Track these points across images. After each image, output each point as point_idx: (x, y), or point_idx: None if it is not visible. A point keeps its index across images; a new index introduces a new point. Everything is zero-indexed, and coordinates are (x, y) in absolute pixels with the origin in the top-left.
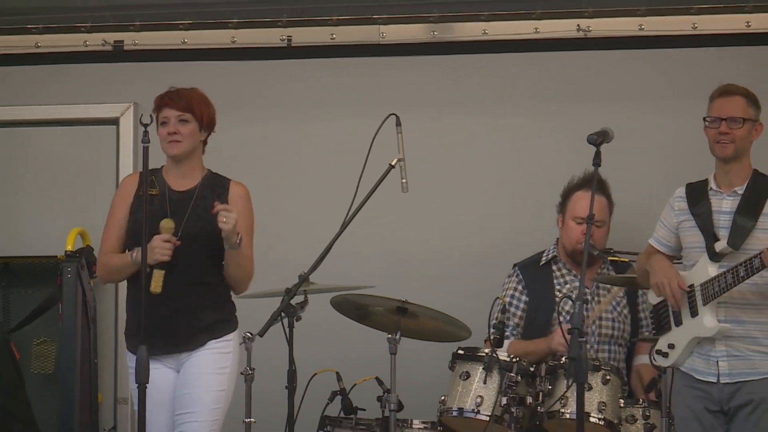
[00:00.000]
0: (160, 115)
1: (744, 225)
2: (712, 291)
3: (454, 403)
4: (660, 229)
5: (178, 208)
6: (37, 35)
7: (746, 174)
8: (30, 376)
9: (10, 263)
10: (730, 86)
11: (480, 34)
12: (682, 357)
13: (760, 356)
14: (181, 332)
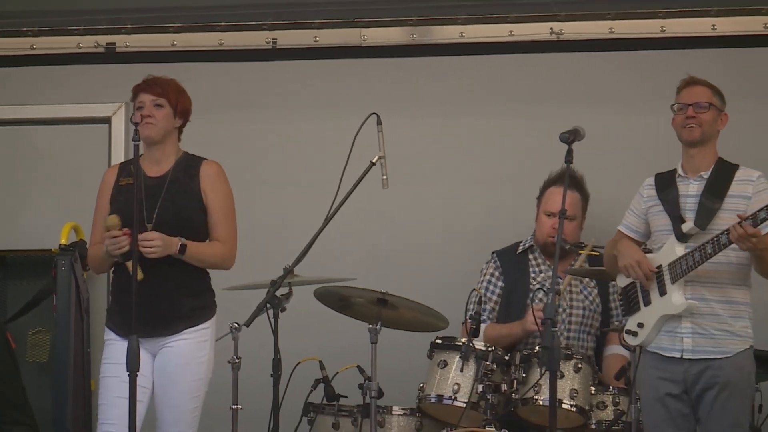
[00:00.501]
0: (136, 101)
1: (710, 206)
2: (680, 269)
3: (433, 391)
4: (629, 216)
5: (153, 193)
6: (33, 38)
7: (711, 160)
8: (25, 364)
9: (6, 256)
10: (695, 78)
11: (457, 36)
12: (651, 335)
13: (724, 335)
14: (159, 318)
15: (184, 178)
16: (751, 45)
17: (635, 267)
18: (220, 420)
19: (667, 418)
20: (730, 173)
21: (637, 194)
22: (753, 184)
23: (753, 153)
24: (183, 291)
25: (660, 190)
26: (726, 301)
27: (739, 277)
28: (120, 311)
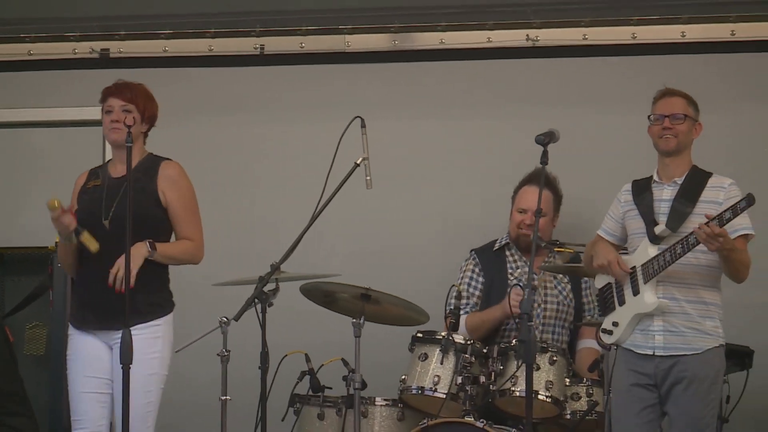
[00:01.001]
0: (105, 105)
1: (682, 210)
2: (652, 269)
3: (414, 382)
4: (608, 220)
5: (113, 193)
6: (30, 44)
7: (686, 167)
8: (23, 357)
9: (4, 253)
10: (671, 89)
11: (437, 43)
12: (626, 334)
13: (694, 333)
14: (111, 311)
15: (144, 177)
16: (719, 51)
17: (609, 266)
18: (209, 410)
19: (633, 409)
20: (704, 180)
21: (615, 200)
22: (725, 191)
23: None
24: (136, 286)
25: (636, 195)
26: (696, 301)
27: (709, 279)
28: (77, 305)
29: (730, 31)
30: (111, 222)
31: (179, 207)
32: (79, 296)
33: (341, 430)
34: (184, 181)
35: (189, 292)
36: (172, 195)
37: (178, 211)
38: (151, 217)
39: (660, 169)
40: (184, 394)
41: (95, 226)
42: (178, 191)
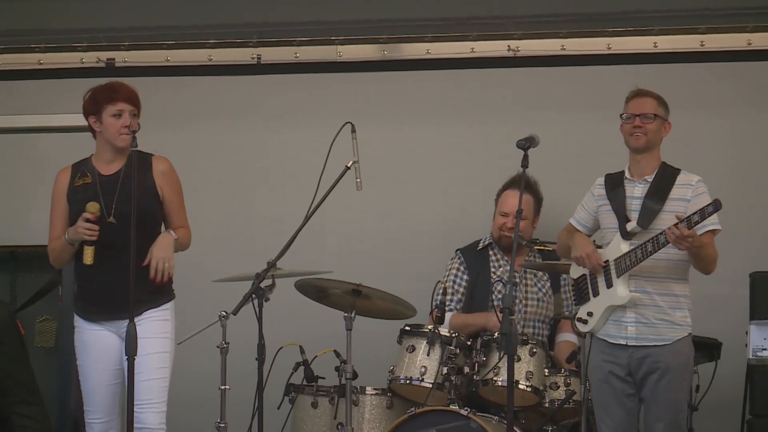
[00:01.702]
0: (113, 107)
1: (652, 208)
2: (625, 265)
3: (402, 373)
4: (581, 211)
5: (108, 190)
6: (40, 54)
7: (655, 164)
8: (33, 349)
9: (16, 251)
10: (643, 89)
11: (424, 53)
12: (599, 324)
13: (665, 324)
14: (118, 303)
15: (138, 174)
16: (688, 61)
17: (585, 259)
18: (209, 399)
19: (613, 396)
20: (672, 177)
21: (589, 192)
22: (692, 188)
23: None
24: (140, 276)
25: (609, 190)
26: (666, 293)
27: (678, 272)
28: (83, 298)
29: (700, 42)
30: (117, 218)
31: (174, 199)
32: (85, 290)
33: (334, 417)
34: (175, 175)
35: (190, 287)
36: (168, 188)
37: (173, 203)
38: (151, 211)
39: (631, 166)
40: (185, 383)
41: (98, 224)
42: (172, 184)
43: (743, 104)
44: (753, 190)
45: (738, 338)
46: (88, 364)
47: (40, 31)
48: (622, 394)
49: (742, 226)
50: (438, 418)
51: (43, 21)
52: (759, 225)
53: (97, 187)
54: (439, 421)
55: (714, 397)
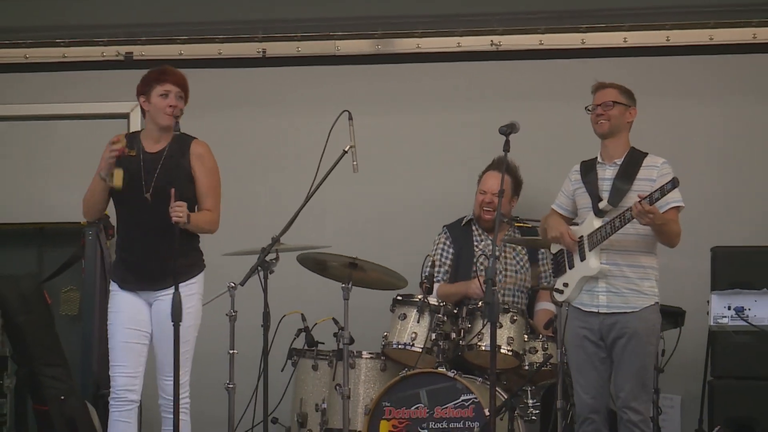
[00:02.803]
0: (161, 87)
1: (621, 187)
2: (596, 239)
3: (394, 338)
4: (561, 196)
5: (151, 167)
6: (64, 48)
7: (624, 149)
8: (59, 317)
9: (43, 227)
10: (603, 82)
11: (414, 47)
12: (574, 293)
13: (633, 293)
14: (152, 274)
15: (176, 154)
16: (656, 54)
17: (559, 237)
18: (219, 362)
19: (586, 359)
20: (640, 160)
21: (567, 178)
22: (657, 169)
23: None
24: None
25: (584, 174)
26: (635, 265)
27: (646, 246)
28: (121, 267)
29: (666, 38)
30: (153, 194)
31: (206, 182)
32: (123, 260)
33: (332, 379)
34: (212, 160)
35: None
36: (201, 170)
37: (204, 186)
38: (184, 189)
39: (602, 151)
40: (197, 348)
41: (135, 198)
42: (206, 168)
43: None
44: (718, 172)
45: (700, 307)
46: (118, 322)
47: (64, 27)
48: (594, 358)
49: (705, 205)
50: (427, 379)
51: (67, 18)
52: (720, 204)
53: (140, 162)
54: (428, 382)
55: (678, 360)
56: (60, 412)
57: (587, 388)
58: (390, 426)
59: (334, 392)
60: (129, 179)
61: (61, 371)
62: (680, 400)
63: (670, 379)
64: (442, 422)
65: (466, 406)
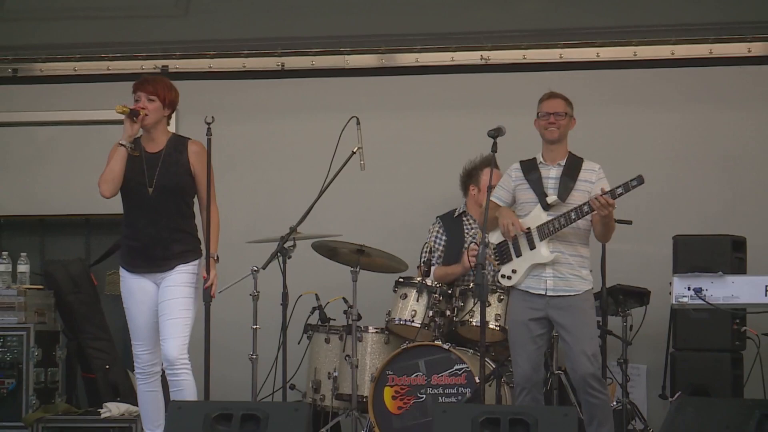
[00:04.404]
0: (134, 95)
1: (567, 185)
2: (547, 230)
3: (397, 315)
4: (499, 190)
5: (151, 165)
6: (108, 62)
7: (565, 152)
8: (104, 296)
9: (89, 219)
10: (554, 92)
11: (414, 61)
12: (522, 278)
13: (576, 279)
14: (156, 258)
15: (174, 153)
16: (625, 68)
17: (511, 226)
18: (243, 336)
19: (529, 336)
20: (579, 163)
21: (506, 174)
22: (595, 173)
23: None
24: (174, 238)
25: (526, 172)
26: (576, 254)
27: (584, 238)
28: (129, 253)
29: (633, 53)
30: (155, 190)
31: (203, 176)
32: (129, 247)
33: (342, 351)
34: (206, 157)
35: (229, 247)
36: (199, 166)
37: (203, 179)
38: (184, 184)
39: (545, 153)
40: (225, 324)
41: (139, 193)
42: (202, 164)
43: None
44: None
45: (663, 288)
46: (133, 306)
47: (108, 43)
48: (536, 334)
49: (668, 200)
50: (425, 351)
51: (111, 36)
52: (681, 199)
53: (143, 161)
54: (426, 354)
55: (644, 334)
56: (105, 379)
57: (529, 361)
58: (393, 392)
59: (344, 362)
60: (134, 177)
61: (106, 344)
62: (646, 369)
63: (637, 350)
64: (438, 388)
65: (459, 374)
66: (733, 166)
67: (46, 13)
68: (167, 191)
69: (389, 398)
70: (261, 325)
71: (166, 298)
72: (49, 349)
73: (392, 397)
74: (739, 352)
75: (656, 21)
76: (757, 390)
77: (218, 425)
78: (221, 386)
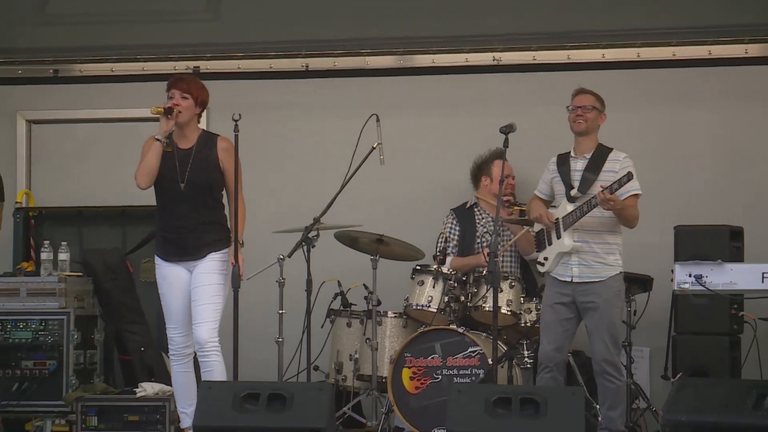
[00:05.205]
0: (168, 93)
1: (589, 178)
2: (569, 221)
3: (414, 301)
4: (541, 184)
5: (183, 161)
6: (143, 63)
7: (593, 145)
8: (139, 283)
9: (125, 210)
10: (583, 88)
11: (430, 62)
12: (552, 266)
13: (600, 265)
14: (189, 248)
15: (204, 149)
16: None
17: (539, 218)
18: (270, 320)
19: (556, 318)
20: (605, 154)
21: (546, 169)
22: (620, 163)
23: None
24: (205, 229)
25: (559, 165)
26: (601, 242)
27: (610, 226)
28: (164, 243)
29: (637, 54)
30: (186, 185)
31: (232, 171)
32: (165, 238)
33: (363, 334)
34: (234, 153)
35: (257, 237)
36: (228, 162)
37: (231, 174)
38: (213, 179)
39: (575, 146)
40: (253, 309)
41: (172, 187)
42: (231, 159)
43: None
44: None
45: (666, 275)
46: (167, 291)
47: (143, 46)
48: (563, 318)
49: (669, 191)
50: (441, 334)
51: (145, 38)
52: (681, 190)
53: (175, 158)
54: (442, 337)
55: (647, 319)
56: (140, 360)
57: (552, 342)
58: (410, 373)
59: (365, 345)
60: (166, 173)
61: (141, 327)
62: (649, 352)
63: (641, 334)
64: (453, 369)
65: (473, 356)
66: (731, 160)
67: (85, 17)
68: (197, 186)
69: (407, 379)
70: (286, 310)
71: (197, 285)
72: (88, 332)
73: (410, 377)
74: (737, 335)
75: (658, 24)
76: (753, 371)
77: (246, 404)
78: (249, 367)
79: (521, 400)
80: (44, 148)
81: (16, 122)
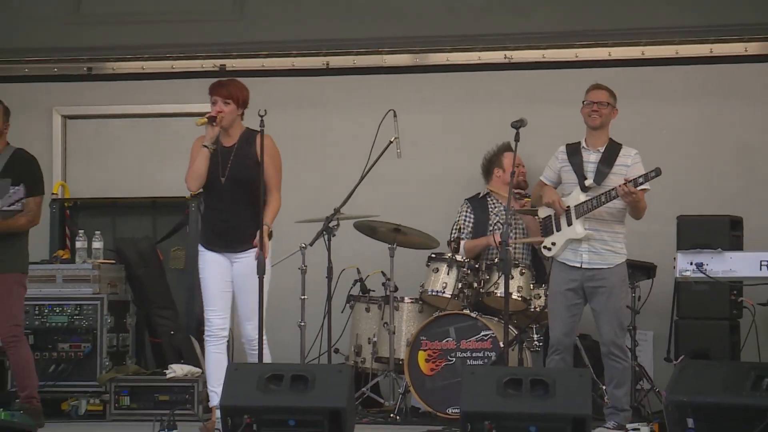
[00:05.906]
0: (211, 98)
1: (603, 170)
2: (583, 210)
3: (429, 287)
4: (547, 170)
5: (225, 158)
6: (172, 61)
7: (605, 140)
8: (169, 270)
9: (156, 201)
10: (599, 84)
11: (445, 60)
12: (560, 251)
13: (609, 253)
14: (231, 240)
15: (246, 146)
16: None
17: (553, 204)
18: (293, 306)
19: (565, 304)
20: (617, 149)
21: (553, 156)
22: (631, 158)
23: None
24: (246, 222)
25: (570, 155)
26: (609, 231)
27: (618, 216)
28: (206, 233)
29: (641, 52)
30: (227, 179)
31: (271, 168)
32: (209, 228)
33: (381, 319)
34: (274, 148)
35: (281, 226)
36: (267, 159)
37: (270, 171)
38: (252, 175)
39: (588, 138)
40: (277, 295)
41: (215, 182)
42: (271, 157)
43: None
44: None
45: (668, 262)
46: (208, 276)
47: (173, 45)
48: (571, 303)
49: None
50: (455, 319)
51: (175, 38)
52: (684, 181)
53: (218, 155)
54: (456, 321)
55: (651, 304)
56: (170, 344)
57: (561, 327)
58: (426, 355)
59: (383, 329)
60: (210, 168)
61: (171, 312)
62: (652, 335)
63: (645, 318)
64: (466, 352)
65: (486, 340)
66: (732, 153)
67: (117, 17)
68: (237, 181)
69: (423, 361)
70: (308, 296)
71: (241, 283)
72: (121, 316)
73: (425, 360)
74: (736, 320)
75: (662, 23)
76: (752, 354)
77: (270, 384)
78: (273, 350)
79: (531, 381)
80: (79, 142)
81: (53, 118)
